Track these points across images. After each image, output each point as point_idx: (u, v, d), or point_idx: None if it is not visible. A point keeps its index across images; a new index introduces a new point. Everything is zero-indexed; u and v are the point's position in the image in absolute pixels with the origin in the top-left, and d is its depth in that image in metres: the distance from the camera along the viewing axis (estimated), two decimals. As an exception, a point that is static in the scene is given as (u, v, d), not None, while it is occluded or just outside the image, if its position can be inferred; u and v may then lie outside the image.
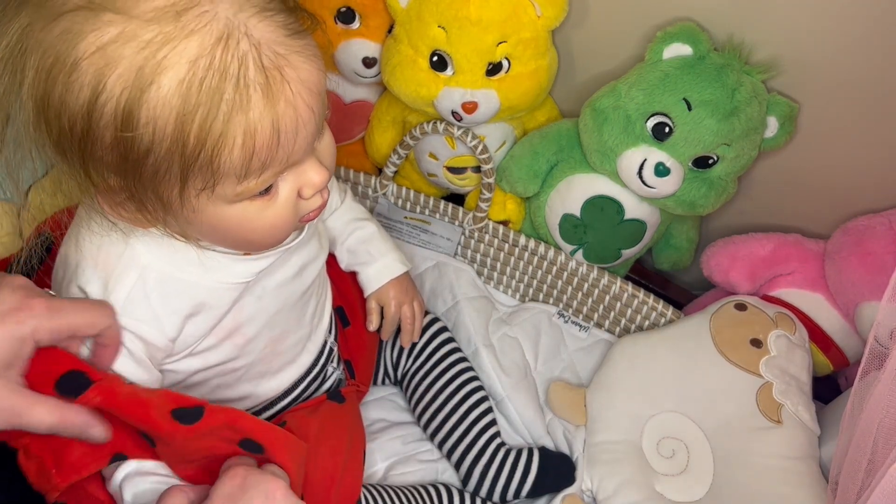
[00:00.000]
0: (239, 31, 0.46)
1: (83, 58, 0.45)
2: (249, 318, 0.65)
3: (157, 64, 0.45)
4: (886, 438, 0.61)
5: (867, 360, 0.67)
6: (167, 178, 0.48)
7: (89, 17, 0.45)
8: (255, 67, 0.46)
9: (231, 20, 0.46)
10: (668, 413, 0.84)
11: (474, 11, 0.79)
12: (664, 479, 0.80)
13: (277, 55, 0.47)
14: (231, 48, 0.46)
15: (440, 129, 0.87)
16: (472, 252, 0.98)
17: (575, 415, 0.87)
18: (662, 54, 0.81)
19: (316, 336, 0.75)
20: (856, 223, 0.86)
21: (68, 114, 0.46)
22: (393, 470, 0.83)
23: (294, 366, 0.74)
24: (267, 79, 0.47)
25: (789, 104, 0.82)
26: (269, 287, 0.64)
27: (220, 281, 0.60)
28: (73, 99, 0.46)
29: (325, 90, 0.52)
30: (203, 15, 0.46)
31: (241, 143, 0.47)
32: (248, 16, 0.47)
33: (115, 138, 0.47)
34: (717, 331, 0.85)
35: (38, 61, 0.46)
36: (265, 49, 0.47)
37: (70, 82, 0.46)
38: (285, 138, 0.49)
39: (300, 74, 0.49)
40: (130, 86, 0.45)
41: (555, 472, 0.83)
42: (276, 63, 0.47)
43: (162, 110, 0.46)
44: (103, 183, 0.50)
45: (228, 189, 0.50)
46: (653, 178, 0.82)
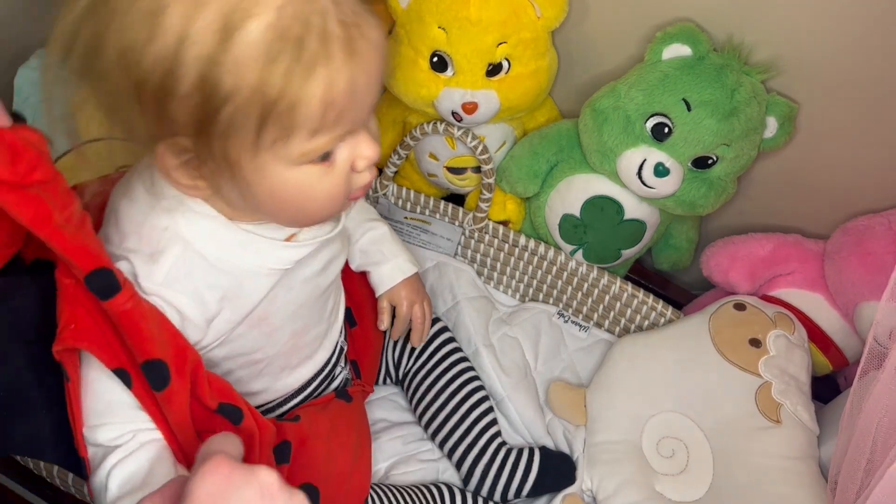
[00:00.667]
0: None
1: (170, 3, 0.45)
2: (278, 308, 0.65)
3: (245, 10, 0.46)
4: (885, 438, 0.61)
5: (866, 359, 0.67)
6: (242, 128, 0.49)
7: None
8: (335, 22, 0.48)
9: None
10: (667, 413, 0.84)
11: (474, 12, 0.79)
12: (664, 478, 0.81)
13: (355, 13, 0.49)
14: (314, 1, 0.47)
15: (440, 129, 0.87)
16: (472, 252, 0.98)
17: (575, 415, 0.87)
18: (662, 55, 0.81)
19: (331, 333, 0.76)
20: (855, 223, 0.86)
21: (151, 58, 0.47)
22: (394, 469, 0.83)
23: (311, 362, 0.74)
24: (347, 35, 0.48)
25: (789, 104, 0.82)
26: (299, 278, 0.65)
27: (260, 265, 0.60)
28: (159, 43, 0.46)
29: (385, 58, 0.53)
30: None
31: (321, 95, 0.48)
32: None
33: (197, 84, 0.47)
34: (716, 331, 0.85)
35: (122, 7, 0.46)
36: (344, 7, 0.49)
37: (155, 26, 0.46)
38: (359, 97, 0.51)
39: (372, 35, 0.50)
40: (217, 30, 0.46)
41: (555, 472, 0.83)
42: (356, 21, 0.49)
43: (247, 57, 0.46)
44: (170, 140, 0.50)
45: (298, 145, 0.51)
46: (652, 179, 0.82)
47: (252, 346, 0.66)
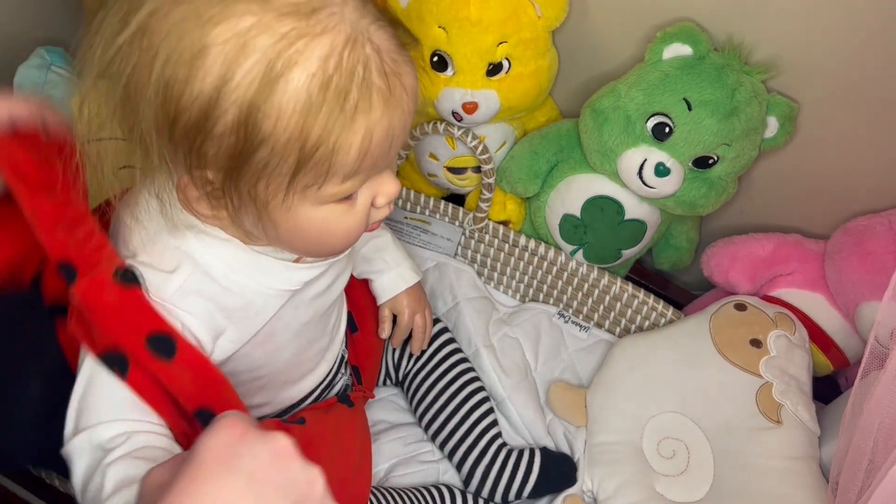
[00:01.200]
0: (363, 36, 0.48)
1: (214, 44, 0.45)
2: (283, 327, 0.65)
3: (289, 58, 0.46)
4: (886, 439, 0.61)
5: (867, 360, 0.67)
6: (276, 172, 0.49)
7: (225, 3, 0.45)
8: (377, 72, 0.48)
9: (356, 24, 0.48)
10: (668, 413, 0.84)
11: (474, 12, 0.79)
12: (664, 479, 0.80)
13: (395, 62, 0.50)
14: (357, 51, 0.47)
15: (440, 129, 0.87)
16: (473, 252, 0.98)
17: (575, 415, 0.87)
18: (662, 54, 0.81)
19: (333, 346, 0.76)
20: (856, 223, 0.86)
21: (190, 96, 0.46)
22: (394, 471, 0.83)
23: (313, 374, 0.74)
24: (388, 84, 0.49)
25: (789, 104, 0.82)
26: (306, 297, 0.65)
27: (270, 286, 0.60)
28: (199, 83, 0.46)
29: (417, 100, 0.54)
30: (333, 16, 0.47)
31: (359, 145, 0.49)
32: (369, 22, 0.49)
33: (234, 127, 0.47)
34: (716, 331, 0.85)
35: (165, 43, 0.46)
36: (385, 56, 0.49)
37: (196, 66, 0.46)
38: (394, 142, 0.51)
39: (409, 83, 0.51)
40: (260, 76, 0.46)
41: (556, 473, 0.83)
42: (395, 70, 0.49)
43: (288, 104, 0.46)
44: (198, 173, 0.50)
45: (330, 188, 0.51)
46: (653, 179, 0.82)
47: (256, 363, 0.65)
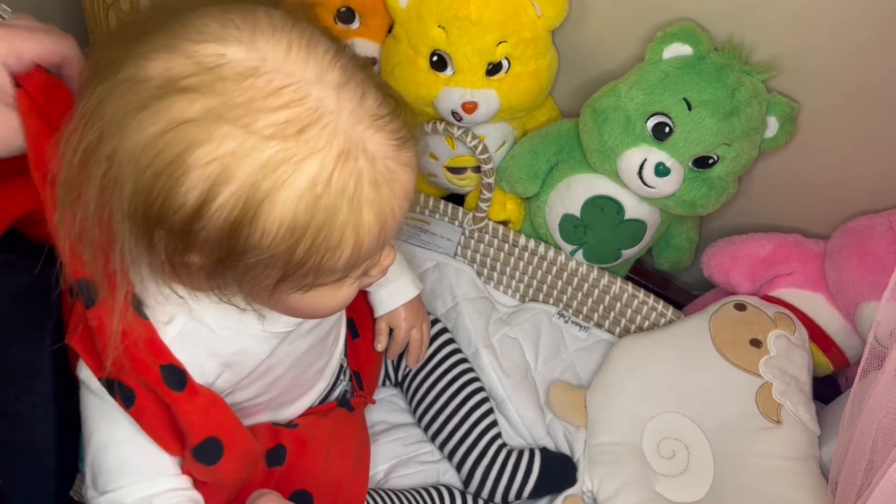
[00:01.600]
0: (357, 147, 0.46)
1: (196, 166, 0.43)
2: (280, 361, 0.65)
3: (275, 180, 0.44)
4: (886, 438, 0.61)
5: (867, 360, 0.67)
6: (260, 278, 0.48)
7: (205, 127, 0.43)
8: (369, 184, 0.46)
9: (349, 134, 0.46)
10: (668, 414, 0.84)
11: (474, 11, 0.79)
12: (664, 479, 0.80)
13: (389, 170, 0.48)
14: (349, 166, 0.45)
15: (440, 129, 0.87)
16: (472, 252, 0.98)
17: (575, 416, 0.87)
18: (662, 54, 0.81)
19: (332, 361, 0.75)
20: (856, 223, 0.86)
21: (169, 213, 0.45)
22: (394, 472, 0.83)
23: (312, 392, 0.74)
24: (379, 195, 0.47)
25: (789, 104, 0.82)
26: (302, 331, 0.64)
27: (264, 330, 0.59)
28: (179, 202, 0.44)
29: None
30: (324, 129, 0.45)
31: (348, 255, 0.48)
32: (365, 127, 0.46)
33: (217, 239, 0.46)
34: (716, 331, 0.85)
35: (147, 160, 0.44)
36: (379, 164, 0.47)
37: (178, 185, 0.44)
38: (384, 242, 0.50)
39: (405, 185, 0.49)
40: (244, 200, 0.44)
41: (556, 473, 0.83)
42: (388, 178, 0.47)
43: (273, 224, 0.45)
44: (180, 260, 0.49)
45: (318, 286, 0.51)
46: (653, 178, 0.82)
47: (254, 392, 0.65)
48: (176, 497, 0.58)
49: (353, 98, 0.46)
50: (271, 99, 0.44)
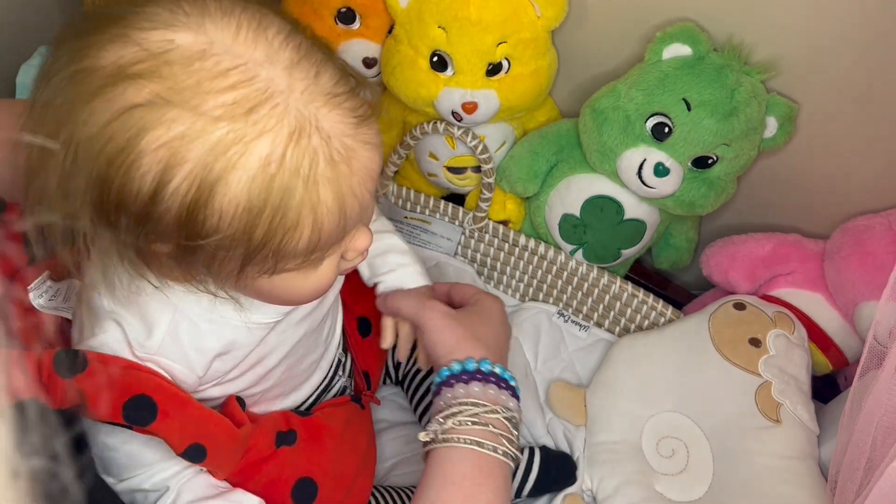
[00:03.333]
0: (310, 125, 0.45)
1: (147, 151, 0.44)
2: (271, 350, 0.65)
3: (227, 161, 0.44)
4: (885, 437, 0.61)
5: (866, 359, 0.67)
6: (224, 261, 0.48)
7: (153, 111, 0.43)
8: (325, 162, 0.46)
9: (302, 112, 0.45)
10: (667, 413, 0.84)
11: (474, 12, 0.79)
12: (664, 478, 0.81)
13: (346, 147, 0.47)
14: (303, 144, 0.45)
15: (440, 129, 0.87)
16: (472, 252, 0.99)
17: (575, 415, 0.87)
18: (662, 54, 0.81)
19: (328, 353, 0.75)
20: (855, 223, 0.86)
21: (127, 199, 0.45)
22: (395, 470, 0.83)
23: (307, 384, 0.74)
24: (336, 173, 0.47)
25: (788, 104, 0.82)
26: (292, 321, 0.64)
27: (250, 321, 0.59)
28: (135, 188, 0.45)
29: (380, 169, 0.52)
30: (275, 109, 0.44)
31: (308, 235, 0.47)
32: (319, 105, 0.46)
33: (177, 225, 0.46)
34: (715, 330, 0.85)
35: (99, 147, 0.44)
36: (335, 142, 0.46)
37: (132, 171, 0.44)
38: (349, 224, 0.50)
39: (365, 164, 0.48)
40: (198, 183, 0.44)
41: (556, 472, 0.83)
42: (346, 156, 0.47)
43: (229, 206, 0.45)
44: (150, 251, 0.49)
45: (285, 268, 0.50)
46: (652, 178, 0.82)
47: (246, 385, 0.66)
48: (188, 474, 0.59)
49: (307, 77, 0.46)
50: (219, 80, 0.44)
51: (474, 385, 0.61)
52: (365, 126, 0.48)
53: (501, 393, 0.61)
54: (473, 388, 0.61)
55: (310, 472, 0.68)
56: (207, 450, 0.58)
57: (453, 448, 0.58)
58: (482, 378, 0.61)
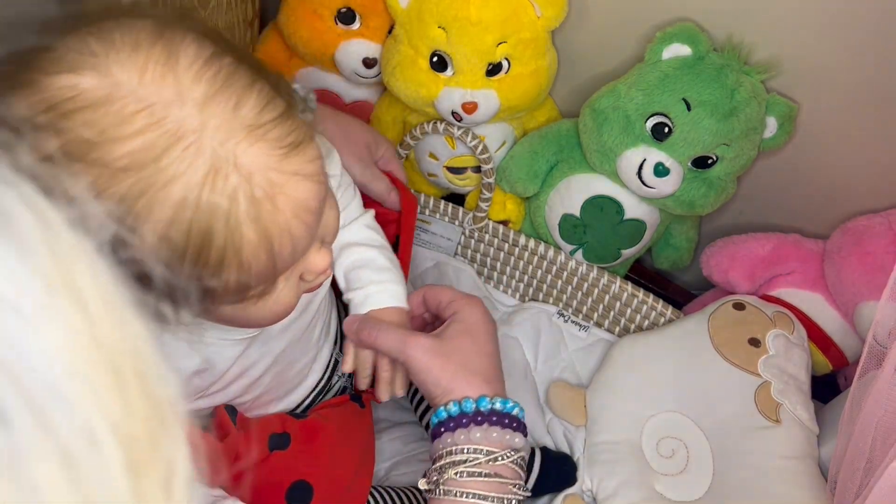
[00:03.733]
0: (228, 164, 0.42)
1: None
2: (254, 363, 0.64)
3: (137, 215, 0.41)
4: (884, 437, 0.61)
5: (866, 359, 0.67)
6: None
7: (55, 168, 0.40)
8: (246, 202, 0.42)
9: (217, 151, 0.42)
10: (667, 413, 0.84)
11: (474, 12, 0.79)
12: (664, 478, 0.81)
13: (271, 183, 0.43)
14: (219, 186, 0.42)
15: (440, 129, 0.87)
16: (472, 252, 0.99)
17: (575, 415, 0.87)
18: (662, 55, 0.81)
19: (322, 356, 0.74)
20: (855, 223, 0.86)
21: None
22: (394, 470, 0.83)
23: (301, 387, 0.73)
24: (259, 212, 0.43)
25: (788, 104, 0.82)
26: (273, 332, 0.62)
27: (224, 338, 0.58)
28: None
29: (324, 195, 0.48)
30: (186, 151, 0.41)
31: (236, 277, 0.45)
32: (238, 141, 0.42)
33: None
34: (715, 330, 0.85)
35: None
36: (257, 178, 0.43)
37: None
38: (282, 262, 0.47)
39: (296, 197, 0.45)
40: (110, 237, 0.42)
41: (557, 472, 0.82)
42: (270, 192, 0.43)
43: (148, 255, 0.41)
44: None
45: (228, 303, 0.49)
46: (652, 178, 0.82)
47: (233, 395, 0.65)
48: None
49: (223, 110, 0.42)
50: (125, 127, 0.41)
51: (475, 430, 0.57)
52: (296, 155, 0.44)
53: (506, 433, 0.58)
54: (475, 433, 0.57)
55: (305, 475, 0.68)
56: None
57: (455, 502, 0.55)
58: (483, 419, 0.58)
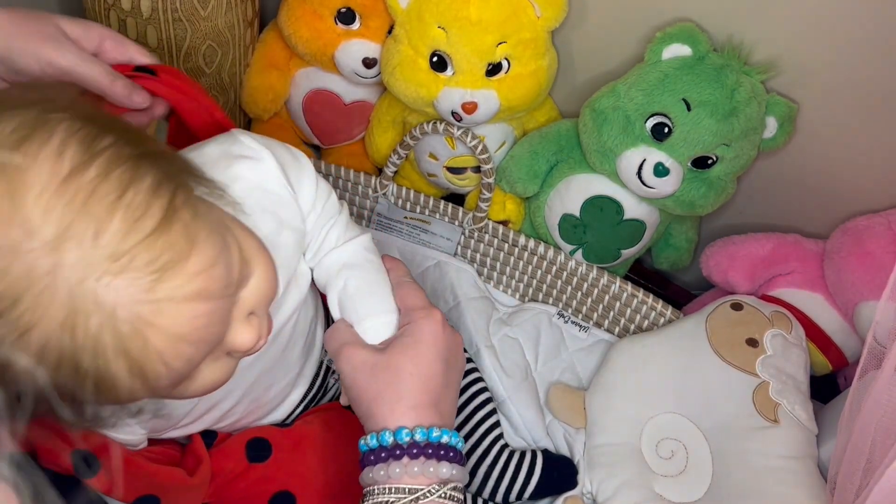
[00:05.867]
0: (87, 303, 0.38)
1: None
2: (222, 398, 0.62)
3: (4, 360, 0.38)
4: (884, 437, 0.61)
5: (866, 359, 0.67)
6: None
7: None
8: (112, 339, 0.39)
9: (75, 291, 0.38)
10: (666, 414, 0.84)
11: (474, 12, 0.79)
12: (663, 480, 0.80)
13: (138, 318, 0.39)
14: (80, 330, 0.38)
15: (440, 129, 0.87)
16: (472, 252, 0.99)
17: (574, 418, 0.87)
18: (662, 55, 0.81)
19: (306, 371, 0.72)
20: (855, 223, 0.86)
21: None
22: (393, 469, 0.83)
23: (285, 403, 0.71)
24: (128, 348, 0.40)
25: (788, 104, 0.82)
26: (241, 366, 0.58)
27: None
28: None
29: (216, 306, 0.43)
30: (39, 298, 0.37)
31: (112, 404, 0.43)
32: (98, 276, 0.38)
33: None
34: (712, 331, 0.85)
35: None
36: (122, 314, 0.39)
37: None
38: (165, 386, 0.44)
39: (169, 326, 0.41)
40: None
41: (558, 475, 0.82)
42: (138, 327, 0.40)
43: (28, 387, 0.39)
44: None
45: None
46: (652, 179, 0.82)
47: (208, 425, 0.64)
48: None
49: (80, 244, 0.38)
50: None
51: (394, 465, 0.53)
52: (170, 279, 0.40)
53: (429, 465, 0.53)
54: (393, 468, 0.53)
55: (287, 485, 0.66)
56: (161, 498, 0.57)
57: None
58: (402, 453, 0.53)
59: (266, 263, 0.50)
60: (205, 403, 0.61)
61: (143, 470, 0.57)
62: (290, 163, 0.61)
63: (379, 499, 0.53)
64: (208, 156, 0.57)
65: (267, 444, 0.67)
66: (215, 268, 0.42)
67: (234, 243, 0.46)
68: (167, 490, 0.58)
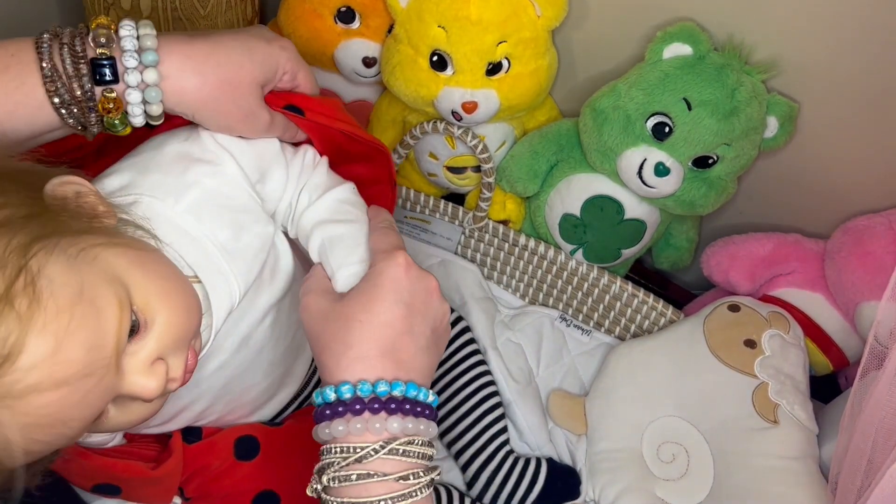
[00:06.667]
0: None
1: None
2: (192, 401, 0.60)
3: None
4: (886, 438, 0.61)
5: (867, 359, 0.67)
6: None
7: None
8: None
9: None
10: (666, 418, 0.84)
11: (474, 11, 0.79)
12: (665, 484, 0.80)
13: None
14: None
15: (440, 128, 0.87)
16: (473, 252, 0.98)
17: (576, 424, 0.87)
18: (662, 54, 0.81)
19: (297, 368, 0.70)
20: (856, 223, 0.86)
21: None
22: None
23: (273, 401, 0.69)
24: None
25: (789, 104, 0.82)
26: (204, 374, 0.57)
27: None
28: None
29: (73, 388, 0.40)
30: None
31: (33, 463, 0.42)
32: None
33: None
34: (710, 333, 0.85)
35: None
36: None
37: None
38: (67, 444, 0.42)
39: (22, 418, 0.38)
40: None
41: (562, 485, 0.82)
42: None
43: None
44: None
45: None
46: (653, 178, 0.82)
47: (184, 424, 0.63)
48: None
49: None
50: None
51: (337, 423, 0.49)
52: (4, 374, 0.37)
53: (374, 420, 0.48)
54: (336, 426, 0.49)
55: (272, 485, 0.65)
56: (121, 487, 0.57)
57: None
58: (345, 409, 0.48)
59: (173, 306, 0.46)
60: (170, 409, 0.58)
61: (95, 462, 0.56)
62: (253, 165, 0.58)
63: (326, 459, 0.49)
64: (165, 156, 0.55)
65: (255, 443, 0.66)
66: (63, 352, 0.38)
67: (114, 303, 0.42)
68: (124, 481, 0.58)
